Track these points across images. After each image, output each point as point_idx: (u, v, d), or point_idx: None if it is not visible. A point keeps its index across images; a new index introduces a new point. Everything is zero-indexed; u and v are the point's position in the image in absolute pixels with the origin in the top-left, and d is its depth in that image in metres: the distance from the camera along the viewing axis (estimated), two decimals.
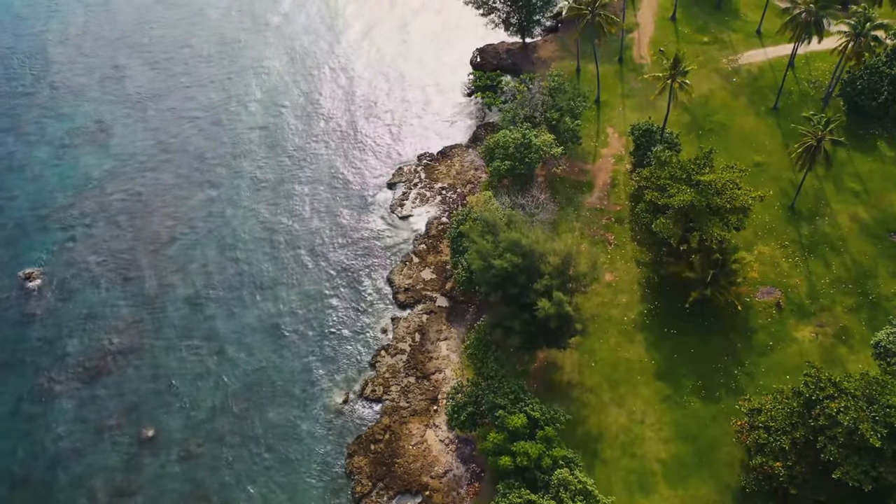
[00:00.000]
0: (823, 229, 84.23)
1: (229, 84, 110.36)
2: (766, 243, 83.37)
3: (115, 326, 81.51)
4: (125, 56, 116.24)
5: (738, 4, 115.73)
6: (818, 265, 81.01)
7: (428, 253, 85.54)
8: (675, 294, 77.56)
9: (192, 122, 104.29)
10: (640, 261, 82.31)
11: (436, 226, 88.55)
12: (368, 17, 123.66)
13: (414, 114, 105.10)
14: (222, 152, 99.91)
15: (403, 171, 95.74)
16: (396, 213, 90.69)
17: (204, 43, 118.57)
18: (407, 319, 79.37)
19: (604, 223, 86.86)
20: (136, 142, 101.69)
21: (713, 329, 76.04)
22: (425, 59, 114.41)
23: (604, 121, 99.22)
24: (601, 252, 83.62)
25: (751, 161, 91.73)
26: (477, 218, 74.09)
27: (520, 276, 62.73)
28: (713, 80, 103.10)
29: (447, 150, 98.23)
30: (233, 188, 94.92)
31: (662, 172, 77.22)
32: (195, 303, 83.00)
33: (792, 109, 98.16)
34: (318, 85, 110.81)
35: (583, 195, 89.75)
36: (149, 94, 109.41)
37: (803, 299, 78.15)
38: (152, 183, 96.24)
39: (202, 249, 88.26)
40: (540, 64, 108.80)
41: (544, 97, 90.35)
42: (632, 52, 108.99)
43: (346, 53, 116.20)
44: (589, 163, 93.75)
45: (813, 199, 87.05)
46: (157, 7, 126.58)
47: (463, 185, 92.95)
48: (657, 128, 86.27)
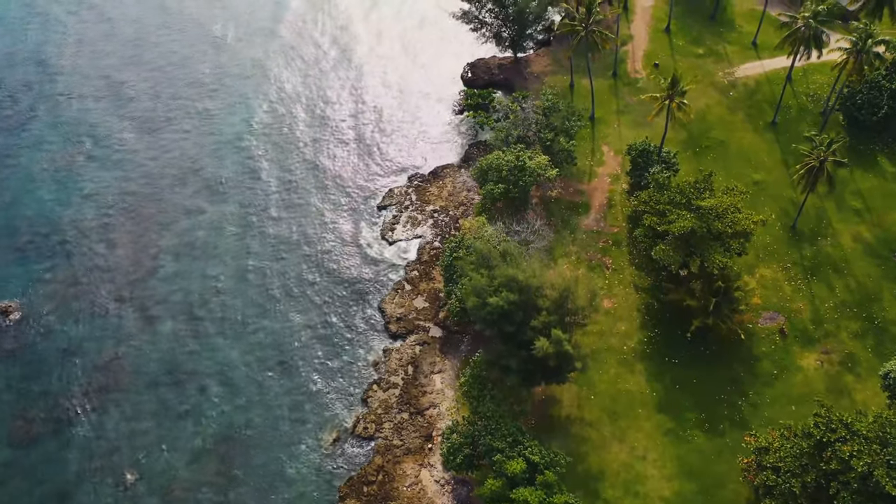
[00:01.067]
0: (826, 250, 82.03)
1: (214, 110, 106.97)
2: (768, 266, 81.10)
3: (96, 363, 78.31)
4: (101, 76, 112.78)
5: (733, 15, 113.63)
6: (821, 288, 78.78)
7: (420, 280, 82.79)
8: (675, 321, 75.16)
9: (174, 146, 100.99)
10: (639, 286, 79.84)
11: (428, 251, 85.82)
12: (354, 35, 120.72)
13: (404, 133, 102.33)
14: (206, 177, 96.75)
15: (394, 192, 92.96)
16: (387, 237, 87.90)
17: (187, 63, 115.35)
18: (399, 351, 76.59)
19: (601, 246, 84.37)
20: (118, 166, 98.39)
21: (715, 358, 73.67)
22: (415, 75, 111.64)
23: (599, 138, 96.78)
24: (598, 277, 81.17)
25: (750, 180, 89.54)
26: (470, 248, 71.50)
27: (516, 312, 60.11)
28: (709, 95, 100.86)
29: (438, 170, 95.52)
30: (217, 215, 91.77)
31: (661, 196, 74.86)
32: (178, 336, 79.90)
33: (790, 124, 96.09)
34: (304, 107, 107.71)
35: (579, 217, 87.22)
36: (130, 115, 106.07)
37: (807, 325, 75.90)
38: (134, 209, 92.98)
39: (185, 280, 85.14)
40: (532, 79, 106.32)
41: (538, 116, 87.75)
42: (626, 65, 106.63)
43: (333, 74, 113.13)
44: (584, 182, 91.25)
45: (814, 219, 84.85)
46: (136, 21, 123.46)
47: (455, 208, 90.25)
48: (654, 147, 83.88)
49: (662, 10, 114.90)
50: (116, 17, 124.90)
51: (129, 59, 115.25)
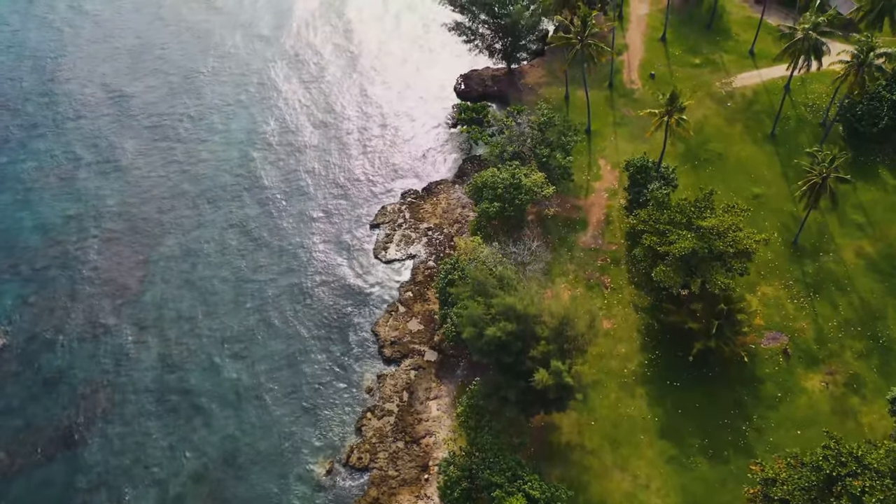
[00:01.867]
0: (828, 266, 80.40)
1: (202, 122, 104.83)
2: (770, 283, 79.41)
3: (82, 391, 75.99)
4: (89, 91, 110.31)
5: (730, 23, 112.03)
6: (825, 306, 77.15)
7: (415, 301, 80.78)
8: (676, 342, 73.43)
9: (162, 163, 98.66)
10: (639, 306, 78.07)
11: (422, 271, 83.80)
12: (343, 50, 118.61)
13: (397, 147, 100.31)
14: (194, 195, 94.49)
15: (387, 210, 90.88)
16: (380, 257, 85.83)
17: (175, 81, 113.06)
18: (394, 376, 74.57)
19: (599, 264, 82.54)
20: (103, 185, 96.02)
21: (718, 380, 71.93)
22: (407, 88, 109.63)
23: (595, 152, 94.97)
24: (597, 297, 79.39)
25: (750, 193, 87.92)
26: (466, 275, 69.53)
27: (514, 342, 58.17)
28: (707, 106, 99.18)
29: (432, 186, 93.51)
30: (206, 235, 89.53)
31: (661, 216, 73.13)
32: (166, 362, 77.67)
33: (790, 136, 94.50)
34: (295, 123, 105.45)
35: (576, 234, 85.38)
36: (116, 133, 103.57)
37: (811, 345, 74.23)
38: (121, 229, 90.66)
39: (174, 303, 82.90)
40: (527, 91, 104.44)
41: (533, 131, 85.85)
42: (622, 75, 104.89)
43: (323, 90, 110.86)
44: (581, 198, 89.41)
45: (816, 234, 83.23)
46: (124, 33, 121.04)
47: (450, 225, 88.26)
48: (652, 163, 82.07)
49: (658, 19, 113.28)
50: (112, 27, 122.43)
51: (122, 73, 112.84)
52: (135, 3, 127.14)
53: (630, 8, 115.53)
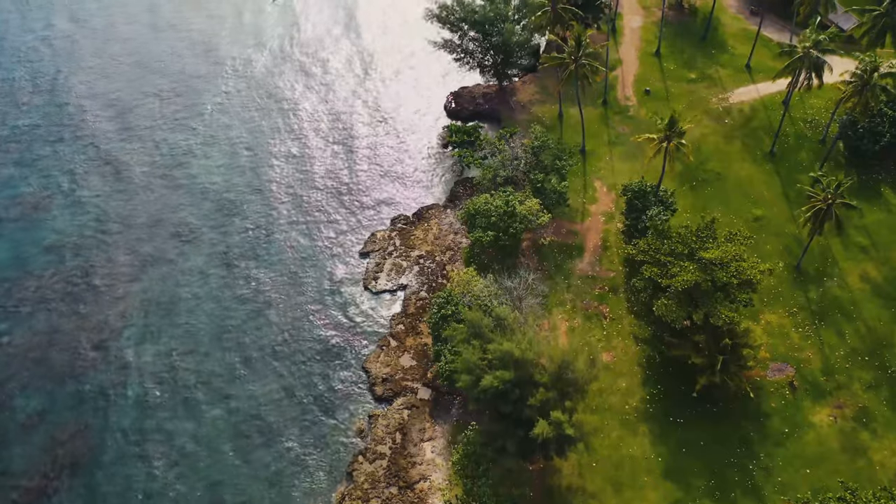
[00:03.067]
0: (833, 292, 77.91)
1: (181, 148, 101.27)
2: (774, 310, 76.83)
3: (59, 436, 72.39)
4: (64, 116, 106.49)
5: (725, 36, 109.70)
6: (831, 335, 74.63)
7: (407, 335, 77.65)
8: (679, 375, 70.69)
9: (141, 191, 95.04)
10: (639, 336, 75.25)
11: (414, 302, 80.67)
12: (328, 68, 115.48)
13: (386, 170, 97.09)
14: (175, 223, 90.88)
15: (377, 237, 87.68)
16: (370, 287, 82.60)
17: (153, 96, 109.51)
18: (386, 416, 71.40)
19: (597, 293, 79.71)
20: (81, 214, 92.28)
21: (722, 416, 69.22)
22: (394, 107, 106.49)
23: (590, 173, 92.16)
24: (596, 327, 76.61)
25: (750, 215, 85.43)
26: (459, 311, 66.58)
27: (512, 391, 55.19)
28: (704, 123, 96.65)
29: (423, 211, 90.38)
30: (187, 267, 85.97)
31: (661, 246, 70.38)
32: (147, 404, 74.19)
33: (789, 154, 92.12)
34: (279, 144, 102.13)
35: (572, 261, 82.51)
36: (93, 159, 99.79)
37: (818, 376, 71.68)
38: (100, 261, 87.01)
39: (154, 340, 79.38)
40: (519, 109, 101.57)
41: (527, 155, 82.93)
42: (616, 92, 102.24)
43: (308, 108, 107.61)
44: (577, 222, 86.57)
45: (819, 258, 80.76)
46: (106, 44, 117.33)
47: (442, 253, 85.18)
48: (651, 187, 79.29)
49: (651, 32, 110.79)
50: (93, 45, 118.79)
51: (100, 95, 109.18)
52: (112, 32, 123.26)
53: (623, 21, 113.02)
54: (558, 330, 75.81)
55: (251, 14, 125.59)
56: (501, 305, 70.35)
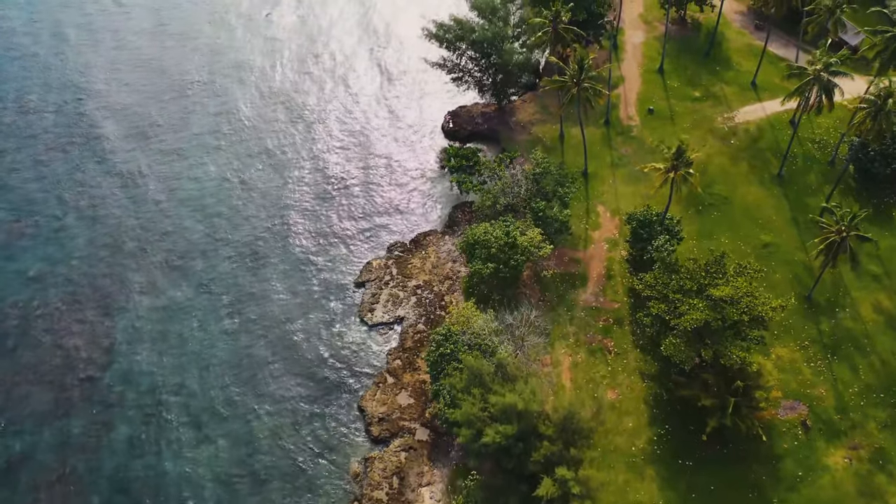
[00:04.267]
0: (845, 324, 75.27)
1: (169, 167, 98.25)
2: (785, 344, 74.13)
3: (42, 480, 69.49)
4: (49, 136, 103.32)
5: (729, 52, 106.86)
6: (844, 370, 71.98)
7: (404, 371, 74.83)
8: (687, 415, 67.95)
9: (128, 215, 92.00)
10: (646, 373, 72.54)
11: (412, 335, 77.84)
12: (326, 81, 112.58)
13: (382, 194, 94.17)
14: (163, 250, 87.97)
15: (373, 266, 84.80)
16: (366, 319, 79.73)
17: (138, 125, 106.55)
18: (382, 459, 68.58)
19: (601, 325, 76.93)
20: (66, 240, 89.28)
21: (733, 458, 66.53)
22: (391, 126, 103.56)
23: (593, 197, 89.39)
24: (600, 362, 73.87)
25: (758, 242, 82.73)
26: (457, 352, 63.82)
27: (515, 445, 52.38)
28: (709, 143, 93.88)
29: (420, 238, 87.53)
30: (175, 297, 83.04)
31: (669, 280, 67.61)
32: (134, 444, 71.32)
33: (797, 176, 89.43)
34: (270, 167, 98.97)
35: (575, 291, 79.71)
36: (78, 183, 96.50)
37: (831, 414, 69.02)
38: (86, 291, 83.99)
39: (142, 375, 76.52)
40: (519, 129, 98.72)
41: (527, 181, 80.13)
42: (618, 111, 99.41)
43: (302, 129, 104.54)
44: (580, 250, 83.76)
45: (830, 287, 78.08)
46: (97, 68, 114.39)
47: (440, 282, 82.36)
48: (656, 216, 76.45)
49: (654, 48, 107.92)
50: (77, 63, 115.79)
51: (86, 117, 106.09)
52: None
53: (625, 36, 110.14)
54: (561, 366, 73.12)
55: (243, 30, 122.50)
56: (502, 343, 67.76)
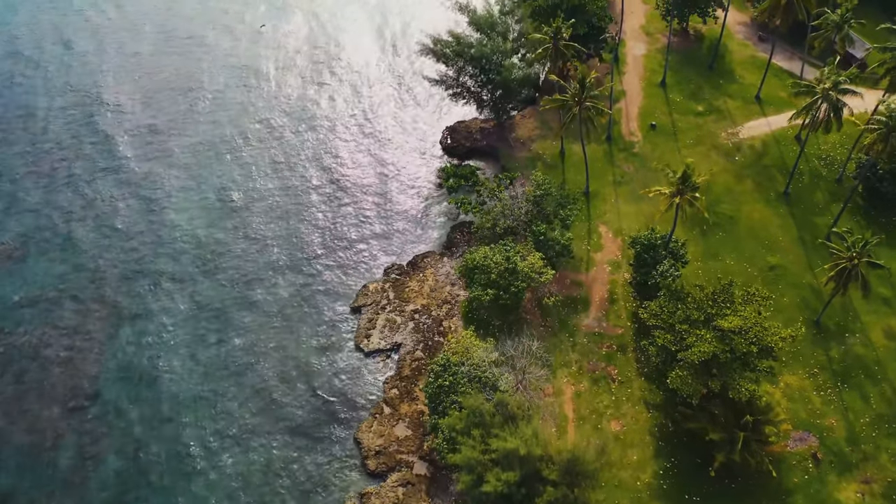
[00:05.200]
0: (855, 350, 73.17)
1: (157, 188, 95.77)
2: (793, 371, 71.98)
3: None
4: (37, 155, 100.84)
5: (733, 64, 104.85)
6: (855, 398, 69.86)
7: (401, 401, 72.53)
8: (694, 447, 65.69)
9: (118, 237, 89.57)
10: (651, 402, 70.30)
11: (409, 363, 75.54)
12: (320, 95, 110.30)
13: (377, 213, 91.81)
14: (154, 273, 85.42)
15: (369, 290, 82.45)
16: (363, 347, 77.37)
17: (127, 140, 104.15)
18: (380, 495, 66.23)
19: (604, 352, 74.72)
20: (53, 263, 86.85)
21: (743, 494, 64.36)
22: (387, 142, 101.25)
23: (595, 217, 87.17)
24: (604, 391, 71.65)
25: (765, 263, 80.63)
26: (457, 383, 61.57)
27: (517, 492, 50.15)
28: (713, 160, 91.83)
29: (418, 260, 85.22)
30: (165, 321, 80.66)
31: (674, 309, 65.40)
32: (121, 483, 68.76)
33: (804, 194, 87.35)
34: (263, 183, 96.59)
35: (577, 316, 77.48)
36: (68, 203, 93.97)
37: (842, 446, 66.87)
38: (74, 316, 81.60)
39: (130, 406, 74.10)
40: (518, 145, 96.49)
41: (528, 205, 77.89)
42: (620, 126, 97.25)
43: (297, 142, 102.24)
44: (581, 272, 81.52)
45: (840, 311, 75.96)
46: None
47: (438, 307, 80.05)
48: (661, 239, 74.21)
49: (656, 60, 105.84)
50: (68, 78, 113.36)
51: (78, 137, 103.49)
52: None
53: (626, 48, 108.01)
54: (564, 395, 70.93)
55: (232, 43, 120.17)
56: (503, 375, 65.58)
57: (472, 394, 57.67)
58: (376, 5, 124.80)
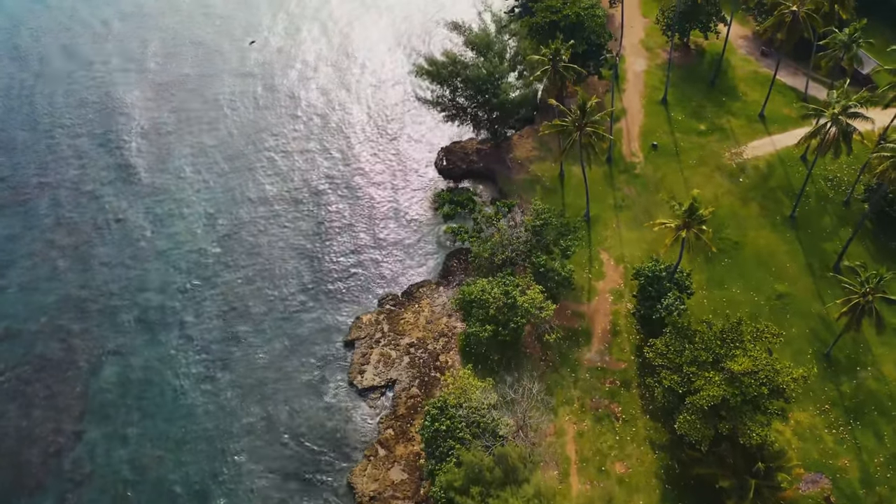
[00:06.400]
0: (868, 385, 70.49)
1: (151, 217, 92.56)
2: (804, 408, 69.24)
3: None
4: (16, 179, 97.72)
5: (735, 80, 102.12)
6: (868, 437, 67.18)
7: (397, 441, 69.63)
8: (703, 491, 62.93)
9: (102, 266, 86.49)
10: (657, 442, 67.55)
11: (405, 401, 72.63)
12: (311, 115, 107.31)
13: (372, 240, 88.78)
14: (139, 305, 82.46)
15: (363, 322, 79.48)
16: (356, 383, 74.44)
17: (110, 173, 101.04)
18: None
19: (607, 388, 71.91)
20: (33, 296, 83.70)
21: None
22: (380, 164, 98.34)
23: (596, 243, 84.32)
24: (608, 431, 68.82)
25: (772, 292, 77.89)
26: (454, 428, 58.73)
27: None
28: (717, 182, 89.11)
29: (413, 289, 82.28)
30: (151, 357, 77.55)
31: (680, 347, 62.65)
32: None
33: (811, 218, 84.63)
34: (254, 209, 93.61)
35: (579, 350, 74.66)
36: (50, 231, 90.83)
37: (856, 488, 64.21)
38: (55, 355, 78.43)
39: (113, 449, 71.07)
40: (516, 167, 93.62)
41: (527, 234, 75.02)
42: (621, 146, 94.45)
43: (287, 164, 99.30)
44: (583, 303, 78.70)
45: (850, 344, 73.23)
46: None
47: (435, 340, 77.15)
48: (665, 270, 71.43)
49: (656, 77, 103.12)
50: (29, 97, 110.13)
51: (58, 161, 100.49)
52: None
53: (626, 64, 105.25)
54: (566, 435, 68.11)
55: (223, 62, 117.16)
56: (502, 417, 62.78)
57: (469, 441, 54.88)
58: (372, 22, 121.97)
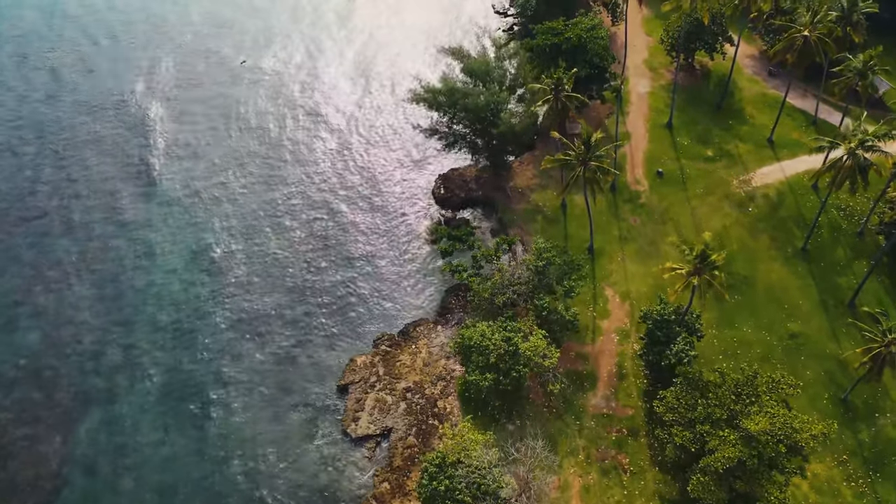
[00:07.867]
0: (888, 433, 67.24)
1: (138, 251, 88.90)
2: (821, 459, 65.85)
3: None
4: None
5: (742, 103, 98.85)
6: (889, 491, 63.92)
7: (392, 496, 66.18)
8: None
9: (85, 303, 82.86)
10: (666, 497, 64.17)
11: (401, 451, 69.15)
12: (305, 138, 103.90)
13: (366, 274, 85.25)
14: (124, 345, 78.75)
15: (357, 364, 76.00)
16: (350, 432, 70.90)
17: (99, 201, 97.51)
18: None
19: (614, 437, 68.53)
20: (14, 336, 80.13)
21: None
22: (376, 192, 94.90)
23: (600, 278, 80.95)
24: (615, 485, 65.42)
25: (785, 331, 74.66)
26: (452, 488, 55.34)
27: None
28: (725, 212, 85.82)
29: (410, 328, 78.80)
30: (136, 405, 73.84)
31: (695, 404, 59.29)
32: None
33: (824, 251, 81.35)
34: (244, 238, 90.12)
35: (584, 395, 71.28)
36: (31, 265, 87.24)
37: None
38: (37, 399, 74.72)
39: (96, 501, 67.55)
40: (517, 196, 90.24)
41: (529, 274, 71.60)
42: (625, 174, 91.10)
43: (279, 194, 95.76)
44: (587, 343, 75.33)
45: (868, 388, 69.84)
46: None
47: (433, 384, 73.72)
48: (674, 313, 68.01)
49: (661, 99, 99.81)
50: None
51: (38, 192, 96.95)
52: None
53: (629, 85, 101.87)
54: (571, 490, 64.73)
55: (215, 85, 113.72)
56: (503, 476, 59.36)
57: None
58: (360, 48, 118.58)
